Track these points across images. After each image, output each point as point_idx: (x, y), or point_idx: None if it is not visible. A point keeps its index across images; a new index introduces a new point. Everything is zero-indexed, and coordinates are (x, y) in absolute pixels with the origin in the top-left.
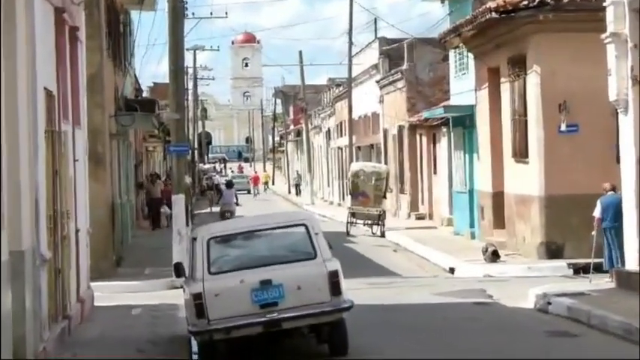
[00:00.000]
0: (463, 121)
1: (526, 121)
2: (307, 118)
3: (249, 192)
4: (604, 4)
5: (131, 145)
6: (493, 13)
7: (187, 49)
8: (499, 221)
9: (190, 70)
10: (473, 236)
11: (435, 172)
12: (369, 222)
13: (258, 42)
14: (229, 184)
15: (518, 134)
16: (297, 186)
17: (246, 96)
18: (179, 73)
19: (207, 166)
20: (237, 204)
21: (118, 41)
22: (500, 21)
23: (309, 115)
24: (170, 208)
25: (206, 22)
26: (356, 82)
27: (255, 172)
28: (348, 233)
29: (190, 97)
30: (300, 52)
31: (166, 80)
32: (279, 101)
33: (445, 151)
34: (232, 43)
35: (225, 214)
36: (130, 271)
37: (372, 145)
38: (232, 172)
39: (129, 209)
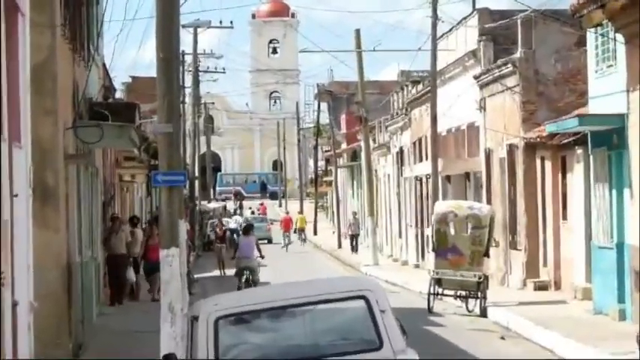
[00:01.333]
0: (608, 139)
1: None
2: (368, 133)
3: (270, 241)
4: None
5: (98, 173)
6: None
7: (184, 26)
8: None
9: (189, 59)
10: (623, 316)
11: (564, 217)
12: (463, 293)
13: (294, 15)
14: (247, 229)
15: None
16: (354, 237)
17: (274, 98)
18: (172, 64)
19: (214, 204)
20: (261, 256)
21: (79, 14)
22: None
23: (370, 128)
24: (154, 268)
25: None
26: (443, 77)
27: (287, 213)
28: (430, 310)
29: (189, 100)
30: (358, 32)
31: (152, 74)
32: (324, 106)
33: (580, 185)
34: (253, 16)
35: (243, 275)
36: None
37: (467, 175)
38: (252, 213)
39: (94, 271)
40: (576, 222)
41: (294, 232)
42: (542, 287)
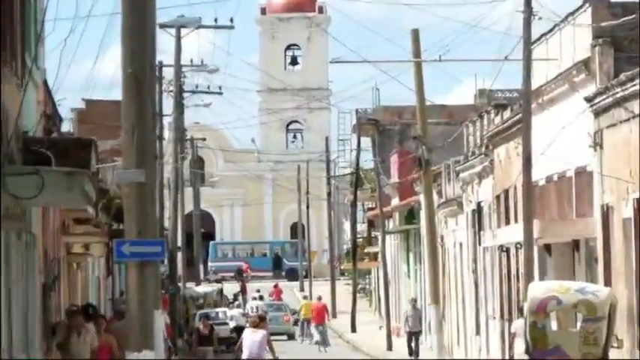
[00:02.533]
0: None
1: None
2: (431, 182)
3: (290, 337)
4: None
5: (36, 243)
6: None
7: (163, 27)
8: None
9: (169, 75)
10: None
11: None
12: None
13: (322, 10)
14: (257, 320)
15: None
16: (413, 335)
17: (294, 131)
18: (144, 82)
19: (205, 287)
20: None
21: (8, 9)
22: None
23: (434, 176)
24: None
25: None
26: (541, 100)
27: (319, 299)
28: None
29: (169, 135)
30: (416, 34)
31: (115, 96)
32: (366, 143)
33: None
34: (263, 12)
35: None
36: None
37: (575, 243)
38: (261, 298)
39: None
40: None
41: (297, 323)
42: None
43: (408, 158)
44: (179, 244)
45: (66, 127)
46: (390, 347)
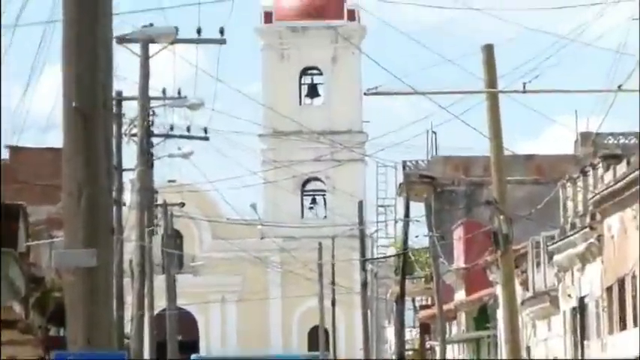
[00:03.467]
0: None
1: None
2: (510, 266)
3: None
4: None
5: None
6: None
7: (123, 41)
8: None
9: (132, 111)
10: None
11: None
12: None
13: (353, 16)
14: None
15: None
16: None
17: (312, 193)
18: (95, 121)
19: None
20: None
21: None
22: None
23: (514, 258)
24: None
25: None
26: None
27: None
28: None
29: (132, 198)
30: (490, 50)
31: (52, 142)
32: (416, 209)
33: None
34: (268, 19)
35: None
36: None
37: None
38: None
39: None
40: None
41: None
42: None
43: (478, 233)
44: (146, 357)
45: None
46: None
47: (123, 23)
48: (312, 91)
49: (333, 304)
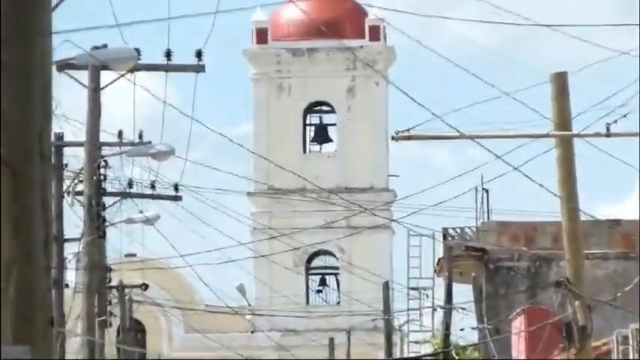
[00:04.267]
0: None
1: None
2: None
3: None
4: None
5: None
6: None
7: (65, 68)
8: None
9: (76, 158)
10: None
11: None
12: None
13: (375, 34)
14: None
15: None
16: None
17: (319, 271)
18: (28, 175)
19: None
20: None
21: None
22: None
23: (594, 355)
24: None
25: None
26: None
27: None
28: None
29: (76, 276)
30: (562, 80)
31: None
32: (462, 291)
33: None
34: (261, 38)
35: None
36: None
37: None
38: None
39: None
40: None
41: None
42: None
43: (545, 324)
44: None
45: None
46: None
47: (67, 44)
48: (321, 135)
49: None
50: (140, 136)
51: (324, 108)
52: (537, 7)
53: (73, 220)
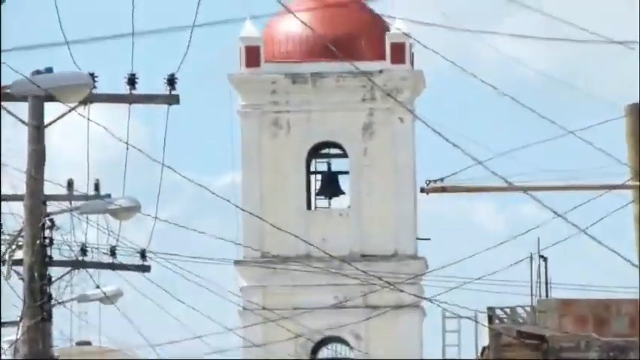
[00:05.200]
0: None
1: None
2: None
3: None
4: None
5: None
6: None
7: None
8: None
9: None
10: None
11: None
12: None
13: (399, 54)
14: None
15: None
16: None
17: None
18: None
19: None
20: None
21: None
22: None
23: None
24: None
25: None
26: None
27: None
28: None
29: None
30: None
31: None
32: None
33: None
34: (252, 59)
35: None
36: None
37: None
38: None
39: None
40: None
41: None
42: None
43: None
44: None
45: None
46: None
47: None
48: (330, 186)
49: None
50: (96, 188)
51: (334, 151)
52: (608, 20)
53: (10, 297)
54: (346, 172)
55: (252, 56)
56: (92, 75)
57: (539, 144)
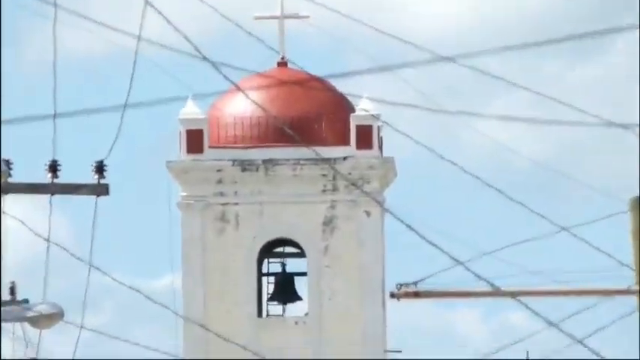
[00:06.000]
0: None
1: None
2: None
3: None
4: None
5: None
6: None
7: None
8: None
9: None
10: None
11: None
12: None
13: (370, 141)
14: None
15: None
16: None
17: None
18: None
19: None
20: None
21: None
22: None
23: None
24: None
25: None
26: None
27: None
28: None
29: None
30: None
31: None
32: None
33: None
34: (192, 144)
35: None
36: None
37: None
38: None
39: None
40: None
41: None
42: None
43: None
44: None
45: None
46: None
47: None
48: (285, 290)
49: None
50: (12, 292)
51: (289, 249)
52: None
53: None
54: (304, 274)
55: (195, 140)
56: (7, 162)
57: (530, 242)
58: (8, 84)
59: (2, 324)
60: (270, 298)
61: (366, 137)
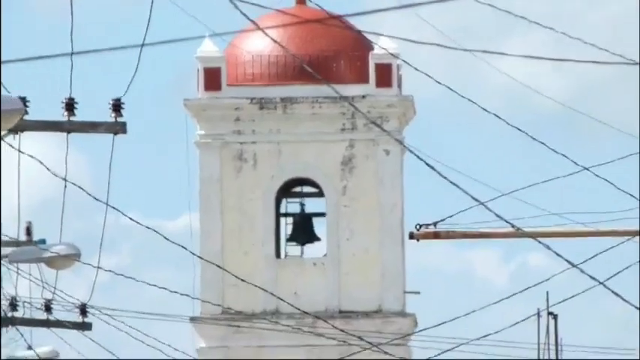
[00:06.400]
0: None
1: None
2: None
3: None
4: None
5: None
6: None
7: None
8: None
9: None
10: None
11: None
12: None
13: (389, 78)
14: None
15: None
16: None
17: None
18: None
19: None
20: None
21: None
22: None
23: None
24: None
25: None
26: None
27: None
28: None
29: None
30: None
31: None
32: None
33: None
34: (210, 82)
35: None
36: None
37: None
38: None
39: None
40: None
41: None
42: None
43: None
44: None
45: None
46: None
47: None
48: (303, 231)
49: None
50: (28, 232)
51: (308, 189)
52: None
53: None
54: (322, 215)
55: (212, 79)
56: (23, 99)
57: (551, 183)
58: (26, 22)
59: (19, 265)
60: (289, 239)
61: (385, 75)
